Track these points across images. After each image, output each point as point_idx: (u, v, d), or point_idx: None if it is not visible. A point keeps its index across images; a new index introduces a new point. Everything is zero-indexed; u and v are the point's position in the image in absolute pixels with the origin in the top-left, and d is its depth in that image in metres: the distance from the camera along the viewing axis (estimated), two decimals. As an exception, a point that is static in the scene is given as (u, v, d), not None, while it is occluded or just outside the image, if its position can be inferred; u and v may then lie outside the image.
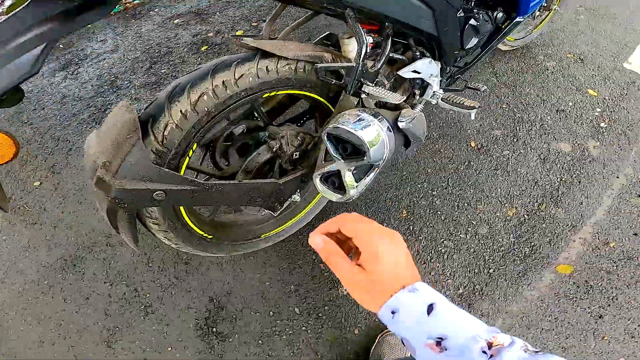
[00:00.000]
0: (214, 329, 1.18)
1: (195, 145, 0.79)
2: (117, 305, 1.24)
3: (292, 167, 0.97)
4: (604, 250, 1.27)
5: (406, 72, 0.99)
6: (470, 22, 1.13)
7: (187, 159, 0.79)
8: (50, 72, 2.08)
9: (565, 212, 1.38)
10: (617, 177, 1.47)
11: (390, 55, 0.97)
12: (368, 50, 0.81)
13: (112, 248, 1.36)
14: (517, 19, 1.27)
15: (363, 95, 0.86)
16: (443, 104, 1.19)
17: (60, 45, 2.20)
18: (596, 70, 1.89)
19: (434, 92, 1.14)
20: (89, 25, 2.31)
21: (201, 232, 0.97)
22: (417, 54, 1.03)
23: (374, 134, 0.76)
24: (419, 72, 1.03)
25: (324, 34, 1.10)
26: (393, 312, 0.34)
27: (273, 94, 0.86)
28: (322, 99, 0.98)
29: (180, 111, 0.72)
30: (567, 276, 1.22)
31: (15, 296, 1.29)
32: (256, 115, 0.95)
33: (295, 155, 0.93)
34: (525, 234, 1.33)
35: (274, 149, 0.91)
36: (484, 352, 0.30)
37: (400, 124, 0.83)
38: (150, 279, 1.28)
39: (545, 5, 1.64)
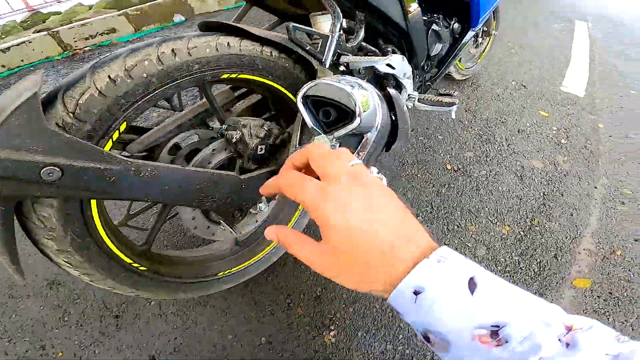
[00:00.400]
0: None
1: (124, 125, 0.58)
2: (14, 364, 0.87)
3: (257, 167, 0.77)
4: (614, 260, 1.15)
5: (381, 65, 0.91)
6: (432, 27, 1.15)
7: (110, 142, 0.57)
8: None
9: (559, 225, 1.28)
10: (596, 188, 1.44)
11: (364, 44, 0.89)
12: (343, 24, 0.71)
13: (15, 300, 1.01)
14: (470, 31, 1.36)
15: (342, 68, 0.73)
16: (420, 105, 1.12)
17: (-8, 87, 1.97)
18: (540, 94, 2.04)
19: (409, 95, 1.07)
20: (34, 67, 2.12)
21: (129, 261, 0.69)
22: (389, 49, 0.97)
23: (363, 93, 0.61)
24: (393, 68, 0.96)
25: None
26: (416, 293, 0.24)
27: (234, 76, 0.71)
28: (289, 95, 0.84)
29: (109, 76, 0.54)
30: (587, 290, 1.06)
31: None
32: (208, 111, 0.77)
33: (261, 149, 0.74)
34: (528, 250, 1.18)
35: (234, 141, 0.72)
36: (559, 339, 0.22)
37: (390, 90, 0.70)
38: (64, 336, 0.93)
39: (487, 30, 1.82)
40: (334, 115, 0.62)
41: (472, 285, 0.24)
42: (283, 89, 0.81)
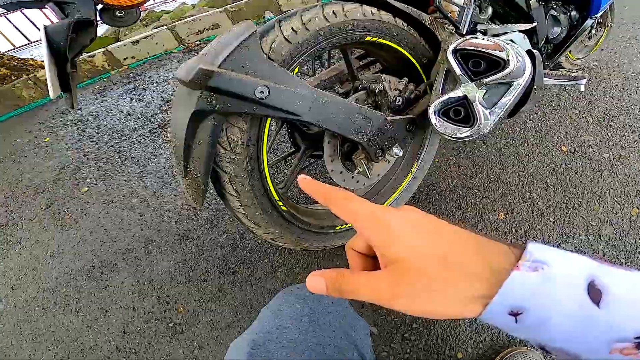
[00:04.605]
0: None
1: (297, 69, 0.67)
2: (140, 321, 1.02)
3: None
4: None
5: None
6: (550, 12, 1.16)
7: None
8: (117, 95, 2.19)
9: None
10: None
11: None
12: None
13: (150, 255, 1.18)
14: (589, 19, 1.30)
15: (478, 34, 0.75)
16: (546, 80, 1.07)
17: (131, 74, 2.36)
18: (660, 84, 1.75)
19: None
20: (158, 58, 2.51)
21: (276, 197, 0.79)
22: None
23: (511, 47, 0.63)
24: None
25: None
26: (515, 314, 0.20)
27: (375, 39, 0.78)
28: (415, 62, 0.88)
29: (292, 27, 0.65)
30: None
31: (21, 305, 1.11)
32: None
33: (398, 100, 0.79)
34: (662, 234, 1.05)
35: (376, 91, 0.78)
36: None
37: (533, 50, 0.70)
38: (187, 291, 1.06)
39: (602, 21, 1.69)
40: (484, 65, 0.64)
41: (594, 293, 0.19)
42: (410, 57, 0.87)
